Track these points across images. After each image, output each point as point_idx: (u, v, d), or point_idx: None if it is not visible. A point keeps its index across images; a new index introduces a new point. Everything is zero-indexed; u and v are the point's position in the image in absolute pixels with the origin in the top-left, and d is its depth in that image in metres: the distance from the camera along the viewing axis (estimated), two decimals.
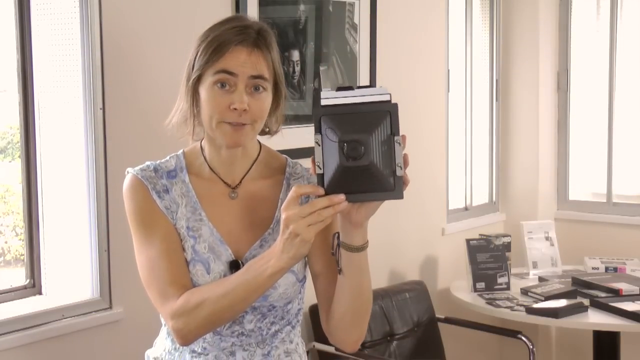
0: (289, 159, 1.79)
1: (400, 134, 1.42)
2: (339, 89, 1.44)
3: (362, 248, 1.52)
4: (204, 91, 1.64)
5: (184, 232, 1.67)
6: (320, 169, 1.42)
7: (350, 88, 1.44)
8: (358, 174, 1.41)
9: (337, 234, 1.53)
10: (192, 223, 1.68)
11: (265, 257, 1.52)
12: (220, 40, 1.62)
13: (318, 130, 1.42)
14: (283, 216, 1.45)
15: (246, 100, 1.61)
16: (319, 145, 1.42)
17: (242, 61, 1.61)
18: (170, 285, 1.61)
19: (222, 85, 1.61)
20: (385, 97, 1.43)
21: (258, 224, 1.70)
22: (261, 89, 1.63)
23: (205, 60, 1.62)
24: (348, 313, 1.61)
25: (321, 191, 1.42)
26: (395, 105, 1.43)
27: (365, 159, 1.40)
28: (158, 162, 1.73)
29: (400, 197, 1.43)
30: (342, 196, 1.42)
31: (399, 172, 1.42)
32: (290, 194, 1.45)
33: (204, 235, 1.67)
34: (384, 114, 1.42)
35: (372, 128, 1.41)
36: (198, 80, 1.64)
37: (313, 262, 1.70)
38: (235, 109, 1.60)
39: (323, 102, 1.43)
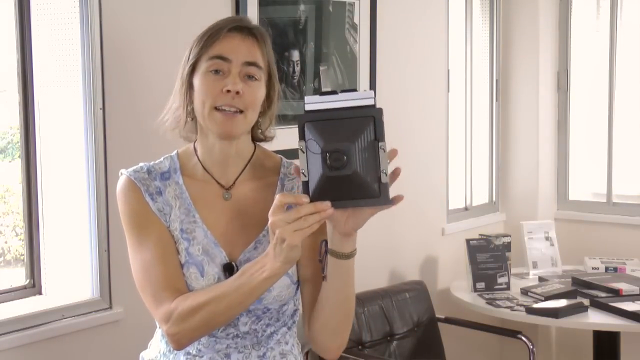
0: (284, 159, 1.78)
1: (392, 141, 1.40)
2: (323, 93, 1.42)
3: (350, 255, 1.52)
4: (197, 79, 1.64)
5: (178, 235, 1.66)
6: (305, 176, 1.41)
7: (334, 92, 1.42)
8: (342, 183, 1.40)
9: (324, 242, 1.53)
10: (186, 225, 1.67)
11: (260, 261, 1.52)
12: (213, 29, 1.63)
13: (302, 137, 1.40)
14: (270, 222, 1.45)
15: (240, 83, 1.61)
16: (303, 153, 1.40)
17: (236, 45, 1.62)
18: (164, 290, 1.61)
19: (216, 71, 1.62)
20: (370, 102, 1.41)
21: (252, 226, 1.68)
22: (254, 78, 1.63)
23: (199, 48, 1.63)
24: (331, 320, 1.62)
25: (306, 200, 1.41)
26: (380, 110, 1.40)
27: (348, 168, 1.38)
28: (152, 163, 1.72)
29: (387, 203, 1.41)
30: (327, 203, 1.41)
31: (383, 179, 1.40)
32: (275, 202, 1.45)
33: (197, 238, 1.66)
34: (367, 120, 1.39)
35: (355, 136, 1.38)
36: (192, 71, 1.64)
37: (301, 267, 1.69)
38: (228, 91, 1.60)
39: (307, 108, 1.41)
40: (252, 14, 2.89)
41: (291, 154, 1.97)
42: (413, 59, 3.80)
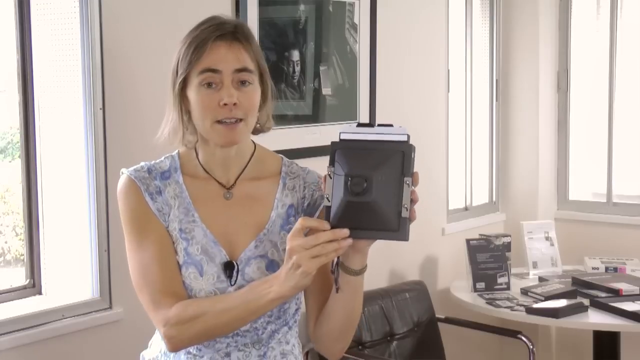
0: (285, 158, 1.78)
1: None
2: (359, 125, 1.47)
3: (359, 272, 1.54)
4: (192, 94, 1.64)
5: (177, 235, 1.66)
6: (329, 201, 1.44)
7: (370, 125, 1.46)
8: (362, 210, 1.42)
9: None
10: (185, 225, 1.67)
11: (268, 281, 1.54)
12: (198, 40, 1.63)
13: (332, 162, 1.44)
14: (288, 246, 1.47)
15: (235, 94, 1.61)
16: (331, 178, 1.44)
17: (223, 55, 1.62)
18: (162, 294, 1.62)
19: (209, 85, 1.62)
20: (403, 138, 1.44)
21: (253, 225, 1.69)
22: (247, 82, 1.64)
23: (187, 62, 1.63)
24: (336, 327, 1.65)
25: (327, 226, 1.44)
26: (411, 146, 1.44)
27: (368, 195, 1.41)
28: (152, 162, 1.72)
29: (405, 239, 1.45)
30: (345, 231, 1.43)
31: (404, 214, 1.42)
32: (296, 225, 1.47)
33: (196, 237, 1.66)
34: (396, 154, 1.43)
35: (380, 166, 1.42)
36: (184, 84, 1.64)
37: None
38: (225, 104, 1.60)
39: (342, 137, 1.46)
40: (252, 14, 2.89)
41: (291, 154, 1.97)
42: (413, 59, 3.80)
